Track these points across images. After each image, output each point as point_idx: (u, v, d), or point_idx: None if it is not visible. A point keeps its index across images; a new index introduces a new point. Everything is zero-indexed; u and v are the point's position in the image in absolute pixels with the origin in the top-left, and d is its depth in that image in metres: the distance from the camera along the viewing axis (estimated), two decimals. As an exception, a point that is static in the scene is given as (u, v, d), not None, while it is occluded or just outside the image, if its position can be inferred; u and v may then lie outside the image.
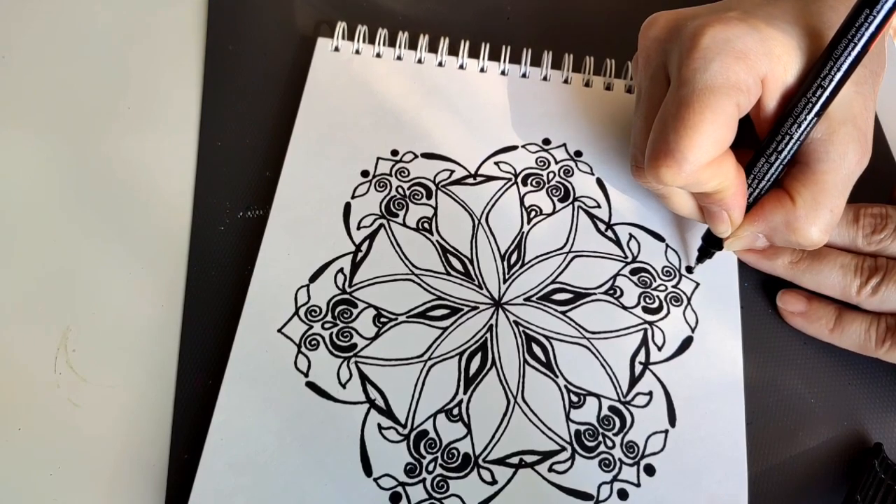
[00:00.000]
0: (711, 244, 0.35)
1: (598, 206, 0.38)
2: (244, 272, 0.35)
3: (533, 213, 0.37)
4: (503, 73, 0.41)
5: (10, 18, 0.44)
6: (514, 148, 0.39)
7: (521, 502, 0.31)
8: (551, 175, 0.38)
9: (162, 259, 0.36)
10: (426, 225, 0.37)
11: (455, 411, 0.32)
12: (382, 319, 0.34)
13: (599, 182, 0.38)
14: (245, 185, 0.38)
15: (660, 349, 0.34)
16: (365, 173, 0.38)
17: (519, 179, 0.38)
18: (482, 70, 0.41)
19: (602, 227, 0.37)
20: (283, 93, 0.41)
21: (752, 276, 0.36)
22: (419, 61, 0.41)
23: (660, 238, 0.37)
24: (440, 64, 0.41)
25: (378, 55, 0.41)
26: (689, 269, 0.36)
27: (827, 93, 0.29)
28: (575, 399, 0.33)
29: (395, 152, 0.39)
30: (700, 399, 0.33)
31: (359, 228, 0.36)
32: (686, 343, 0.34)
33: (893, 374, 0.34)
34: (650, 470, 0.32)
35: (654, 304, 0.35)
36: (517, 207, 0.37)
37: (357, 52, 0.41)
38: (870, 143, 0.30)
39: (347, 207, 0.37)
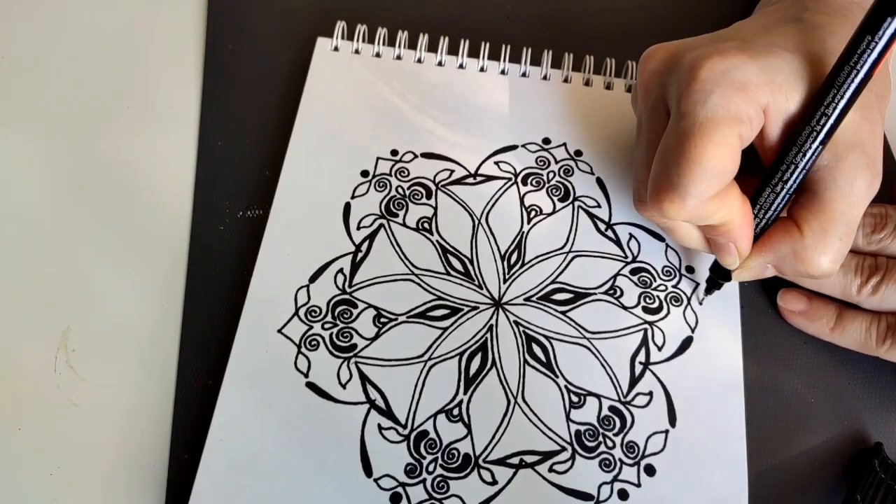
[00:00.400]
0: (720, 275, 0.34)
1: (599, 206, 0.38)
2: (244, 272, 0.35)
3: (533, 213, 0.37)
4: (503, 72, 0.41)
5: (10, 18, 0.43)
6: (513, 147, 0.39)
7: (522, 502, 0.31)
8: (551, 175, 0.38)
9: (162, 259, 0.36)
10: (426, 225, 0.37)
11: (455, 412, 0.32)
12: (382, 320, 0.34)
13: (599, 181, 0.38)
14: (245, 185, 0.38)
15: (660, 349, 0.34)
16: (365, 173, 0.38)
17: (519, 179, 0.38)
18: (482, 69, 0.41)
19: (602, 226, 0.37)
20: (283, 93, 0.41)
21: (753, 276, 0.36)
22: (419, 61, 0.41)
23: (660, 238, 0.37)
24: (440, 63, 0.41)
25: (377, 55, 0.41)
26: (700, 301, 0.35)
27: (831, 121, 0.28)
28: (575, 399, 0.33)
29: (394, 152, 0.39)
30: (700, 399, 0.33)
31: (359, 228, 0.36)
32: (686, 343, 0.34)
33: (894, 374, 0.34)
34: (650, 470, 0.32)
35: (654, 304, 0.35)
36: (517, 207, 0.37)
37: (356, 51, 0.41)
38: (879, 168, 0.30)
39: (347, 207, 0.37)
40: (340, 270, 0.35)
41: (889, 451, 0.32)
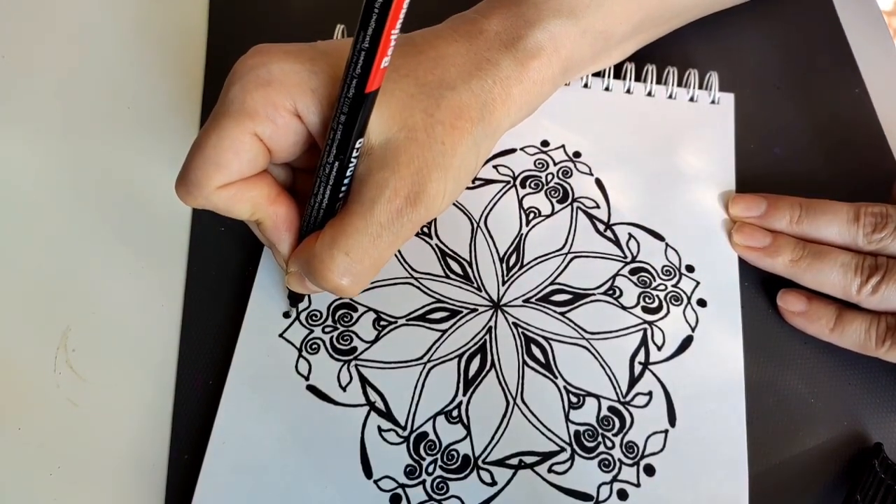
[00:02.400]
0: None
1: (598, 207, 0.38)
2: (245, 273, 0.36)
3: (532, 215, 0.37)
4: (502, 74, 0.41)
5: (10, 18, 0.44)
6: (512, 151, 0.39)
7: (521, 503, 0.31)
8: (550, 177, 0.38)
9: (162, 259, 0.37)
10: (425, 228, 0.37)
11: (455, 413, 0.32)
12: (382, 323, 0.34)
13: (598, 182, 0.38)
14: (245, 186, 0.38)
15: (659, 349, 0.34)
16: (364, 175, 0.38)
17: (517, 182, 0.38)
18: (481, 71, 0.41)
19: (601, 227, 0.37)
20: (282, 95, 0.41)
21: (753, 275, 0.36)
22: (419, 63, 0.41)
23: (659, 237, 0.37)
24: (440, 65, 0.41)
25: (378, 57, 0.41)
26: (286, 314, 0.34)
27: (339, 135, 0.27)
28: (574, 400, 0.33)
29: (394, 154, 0.39)
30: (700, 399, 0.33)
31: (358, 230, 0.36)
32: (686, 342, 0.34)
33: (893, 374, 0.34)
34: (650, 470, 0.32)
35: (653, 303, 0.35)
36: (516, 209, 0.37)
37: (357, 53, 0.41)
38: (420, 196, 0.28)
39: (347, 209, 0.37)
40: (340, 272, 0.35)
41: (889, 451, 0.32)
